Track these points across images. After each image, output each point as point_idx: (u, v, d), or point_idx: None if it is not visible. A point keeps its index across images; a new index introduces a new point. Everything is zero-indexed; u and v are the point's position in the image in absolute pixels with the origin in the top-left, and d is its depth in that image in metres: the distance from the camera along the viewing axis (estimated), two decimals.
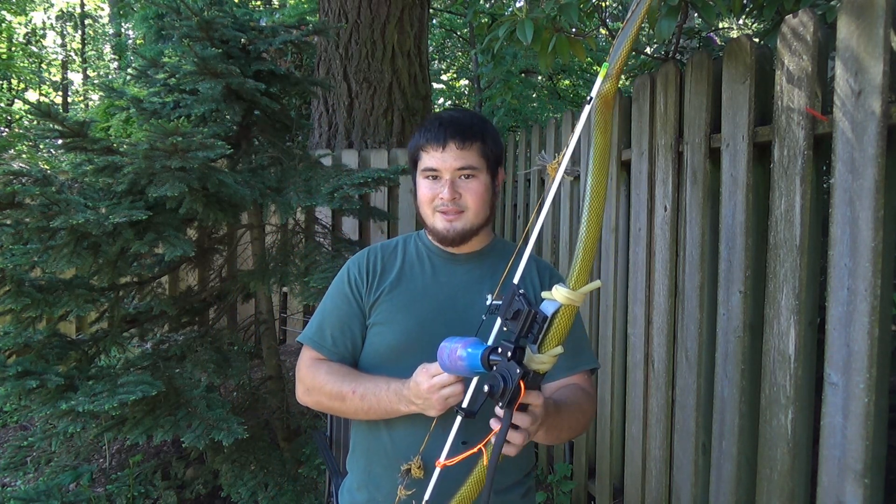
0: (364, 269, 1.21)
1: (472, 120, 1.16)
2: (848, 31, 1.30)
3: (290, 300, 4.04)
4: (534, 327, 0.82)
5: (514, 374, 0.80)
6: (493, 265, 1.20)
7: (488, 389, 0.81)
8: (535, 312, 0.82)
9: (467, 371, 0.88)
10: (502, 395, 0.80)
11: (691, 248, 1.79)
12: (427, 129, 1.14)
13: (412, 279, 1.19)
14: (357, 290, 1.19)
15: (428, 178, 1.14)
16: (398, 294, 1.17)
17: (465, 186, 1.12)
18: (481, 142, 1.13)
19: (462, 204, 1.12)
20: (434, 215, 1.14)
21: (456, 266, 1.20)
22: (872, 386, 1.26)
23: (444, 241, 1.16)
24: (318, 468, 2.56)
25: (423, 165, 1.14)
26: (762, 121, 1.58)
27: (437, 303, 1.15)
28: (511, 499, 1.17)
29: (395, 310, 1.16)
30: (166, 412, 2.09)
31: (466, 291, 1.16)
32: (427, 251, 1.22)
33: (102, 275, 2.24)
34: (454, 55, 10.03)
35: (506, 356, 0.81)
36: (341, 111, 4.30)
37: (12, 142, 9.28)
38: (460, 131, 1.11)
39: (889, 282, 1.28)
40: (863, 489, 1.28)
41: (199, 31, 2.33)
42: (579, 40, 1.99)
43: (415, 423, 1.09)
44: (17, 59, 12.68)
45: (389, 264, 1.21)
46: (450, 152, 1.11)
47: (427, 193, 1.14)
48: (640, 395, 2.02)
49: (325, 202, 2.24)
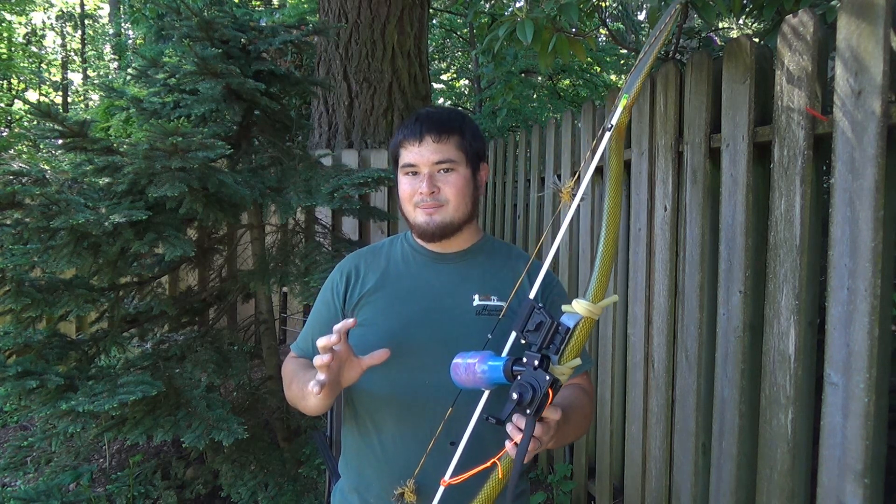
0: (345, 274, 1.21)
1: (450, 115, 1.15)
2: (848, 31, 1.30)
3: (290, 300, 4.04)
4: (556, 339, 0.84)
5: (542, 382, 0.81)
6: (479, 264, 1.18)
7: (517, 398, 0.81)
8: (557, 324, 0.84)
9: (487, 384, 0.89)
10: (531, 402, 0.81)
11: (691, 248, 1.79)
12: (405, 126, 1.14)
13: (396, 280, 1.17)
14: (337, 295, 1.20)
15: (407, 174, 1.13)
16: (381, 296, 1.16)
17: (443, 180, 1.11)
18: (459, 135, 1.12)
19: (441, 198, 1.11)
20: (415, 211, 1.13)
21: (441, 266, 1.18)
22: (872, 386, 1.26)
23: (425, 235, 1.14)
24: (318, 468, 2.56)
25: (402, 162, 1.14)
26: (762, 121, 1.58)
27: (422, 304, 1.14)
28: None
29: (377, 312, 1.15)
30: (166, 412, 2.09)
31: (452, 292, 1.15)
32: (412, 251, 1.21)
33: (102, 275, 2.24)
34: (454, 55, 10.04)
35: (532, 365, 0.82)
36: (341, 111, 4.30)
37: (12, 142, 9.28)
38: (436, 125, 1.11)
39: (889, 282, 1.28)
40: (863, 489, 1.28)
41: (199, 31, 2.33)
42: (579, 40, 1.99)
43: (402, 424, 1.10)
44: (17, 59, 12.67)
45: (373, 267, 1.20)
46: (426, 146, 1.10)
47: (407, 189, 1.13)
48: (640, 395, 2.02)
49: (325, 202, 2.24)
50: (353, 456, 1.20)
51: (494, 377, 0.87)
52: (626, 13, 7.25)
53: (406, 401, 1.11)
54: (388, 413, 1.12)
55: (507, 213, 3.39)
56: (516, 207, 3.26)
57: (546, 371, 0.82)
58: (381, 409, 1.13)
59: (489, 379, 0.87)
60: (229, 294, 2.78)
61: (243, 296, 2.94)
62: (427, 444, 1.06)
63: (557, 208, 2.74)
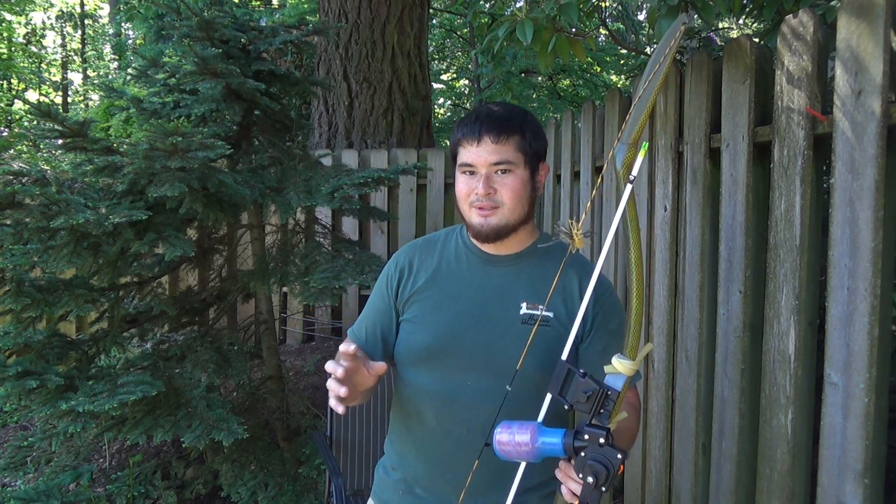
0: (399, 268, 1.22)
1: (511, 113, 1.12)
2: (848, 31, 1.30)
3: (290, 300, 4.04)
4: (607, 405, 0.85)
5: (614, 461, 0.82)
6: (528, 269, 1.16)
7: (594, 481, 0.82)
8: (607, 392, 0.84)
9: (538, 458, 0.88)
10: (605, 481, 0.82)
11: (691, 248, 1.79)
12: (464, 124, 1.12)
13: (447, 279, 1.18)
14: (390, 287, 1.21)
15: (465, 173, 1.12)
16: (431, 294, 1.17)
17: (500, 181, 1.09)
18: (519, 135, 1.10)
19: (497, 199, 1.09)
20: (470, 210, 1.12)
21: (491, 268, 1.17)
22: (872, 386, 1.26)
23: (479, 236, 1.13)
24: (318, 468, 2.56)
25: (460, 161, 1.13)
26: (762, 121, 1.58)
27: (469, 308, 1.14)
28: (528, 498, 1.15)
29: (426, 310, 1.17)
30: (166, 412, 2.09)
31: (499, 298, 1.14)
32: (465, 249, 1.20)
33: (102, 275, 2.24)
34: (454, 55, 10.04)
35: (597, 442, 0.83)
36: (341, 111, 4.30)
37: (12, 142, 9.28)
38: (496, 125, 1.08)
39: (889, 282, 1.28)
40: (863, 489, 1.28)
41: (199, 31, 2.33)
42: (579, 40, 1.99)
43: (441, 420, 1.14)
44: (18, 59, 12.67)
45: (427, 261, 1.21)
46: (484, 146, 1.08)
47: (464, 189, 1.12)
48: (641, 396, 2.02)
49: (325, 202, 2.24)
50: (397, 437, 1.25)
51: (551, 453, 0.87)
52: (626, 13, 7.25)
53: (446, 399, 1.14)
54: (430, 407, 1.16)
55: None
56: None
57: (613, 446, 0.82)
58: (424, 402, 1.17)
59: (543, 455, 0.87)
60: (229, 294, 2.78)
61: (243, 296, 2.94)
62: (464, 443, 1.10)
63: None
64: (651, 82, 0.94)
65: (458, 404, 1.13)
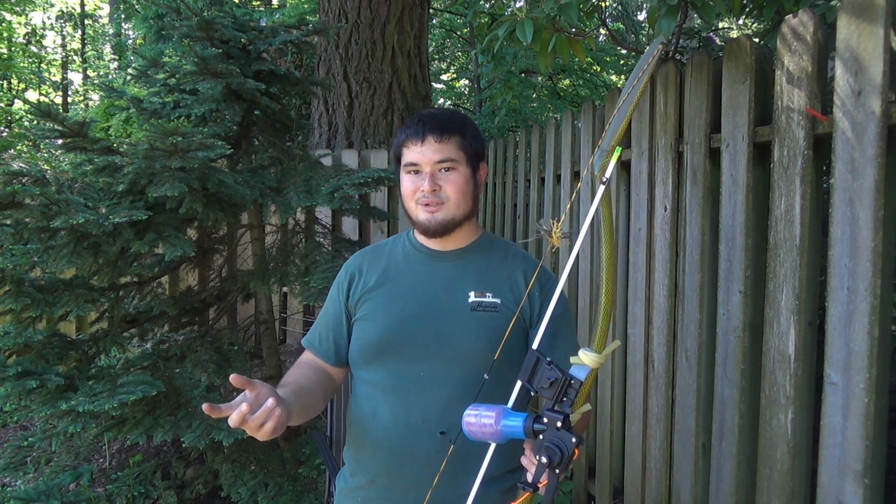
0: (349, 273, 1.28)
1: (451, 115, 1.20)
2: (848, 31, 1.30)
3: (290, 300, 4.04)
4: (569, 393, 0.87)
5: (569, 444, 0.84)
6: (476, 262, 1.23)
7: (547, 461, 0.85)
8: (570, 380, 0.87)
9: (502, 440, 0.92)
10: (559, 463, 0.85)
11: (691, 248, 1.79)
12: (407, 126, 1.19)
13: (396, 276, 1.23)
14: (341, 292, 1.27)
15: (410, 172, 1.18)
16: (381, 292, 1.22)
17: (444, 178, 1.16)
18: (460, 135, 1.17)
19: (442, 196, 1.16)
20: (417, 208, 1.18)
21: (438, 263, 1.23)
22: (872, 386, 1.26)
23: (427, 232, 1.19)
24: (318, 468, 2.56)
25: (404, 161, 1.19)
26: (762, 121, 1.58)
27: (419, 300, 1.19)
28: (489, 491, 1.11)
29: (377, 307, 1.21)
30: (166, 412, 2.09)
31: (447, 289, 1.19)
32: (413, 249, 1.26)
33: (102, 275, 2.24)
34: (454, 55, 10.04)
35: (554, 426, 0.86)
36: (341, 111, 4.30)
37: (12, 142, 9.28)
38: (438, 126, 1.15)
39: (889, 282, 1.28)
40: (863, 489, 1.28)
41: (199, 31, 2.33)
42: (579, 40, 1.99)
43: (396, 412, 1.16)
44: (18, 59, 12.67)
45: (375, 264, 1.27)
46: (428, 146, 1.15)
47: (409, 187, 1.18)
48: (640, 395, 2.02)
49: (325, 202, 2.24)
50: (354, 441, 1.27)
51: (512, 435, 0.90)
52: (626, 13, 7.25)
53: (401, 390, 1.16)
54: (385, 402, 1.18)
55: (508, 213, 3.40)
56: (516, 207, 3.26)
57: (569, 431, 0.85)
58: (379, 398, 1.19)
59: (506, 436, 0.91)
60: (229, 294, 2.78)
61: (243, 296, 2.94)
62: (418, 432, 1.13)
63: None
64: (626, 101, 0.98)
65: (413, 394, 1.15)
